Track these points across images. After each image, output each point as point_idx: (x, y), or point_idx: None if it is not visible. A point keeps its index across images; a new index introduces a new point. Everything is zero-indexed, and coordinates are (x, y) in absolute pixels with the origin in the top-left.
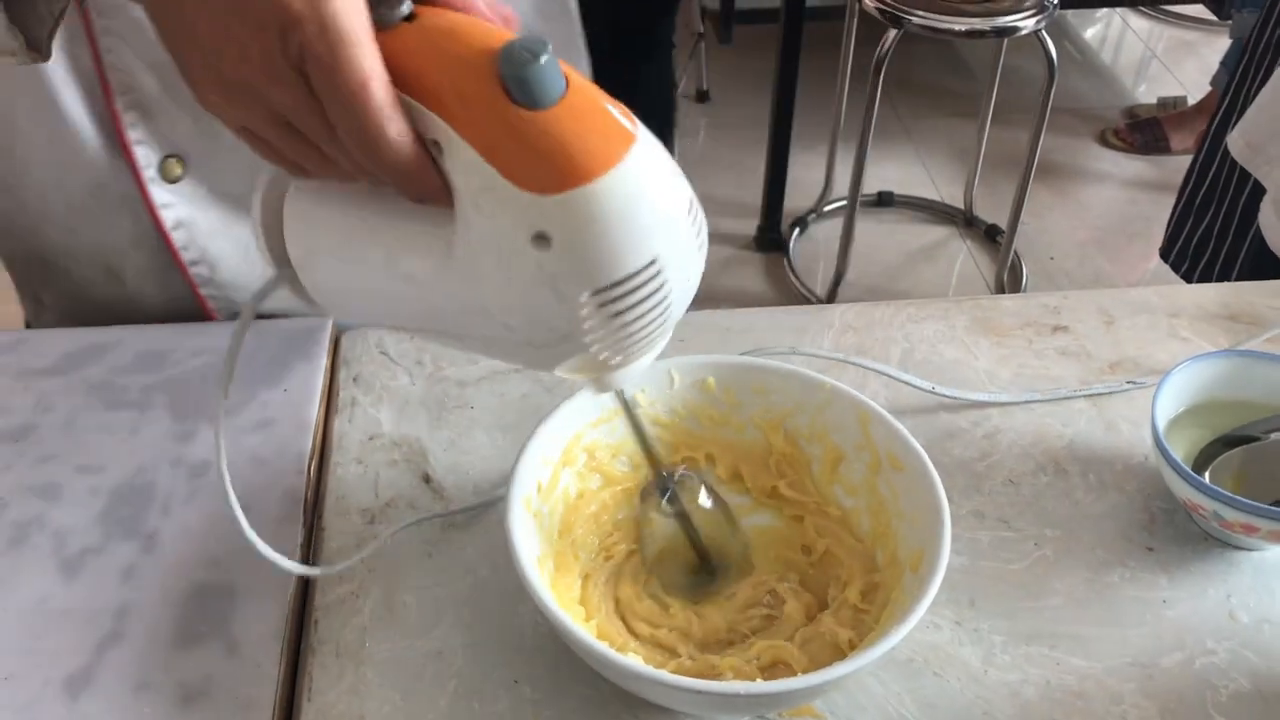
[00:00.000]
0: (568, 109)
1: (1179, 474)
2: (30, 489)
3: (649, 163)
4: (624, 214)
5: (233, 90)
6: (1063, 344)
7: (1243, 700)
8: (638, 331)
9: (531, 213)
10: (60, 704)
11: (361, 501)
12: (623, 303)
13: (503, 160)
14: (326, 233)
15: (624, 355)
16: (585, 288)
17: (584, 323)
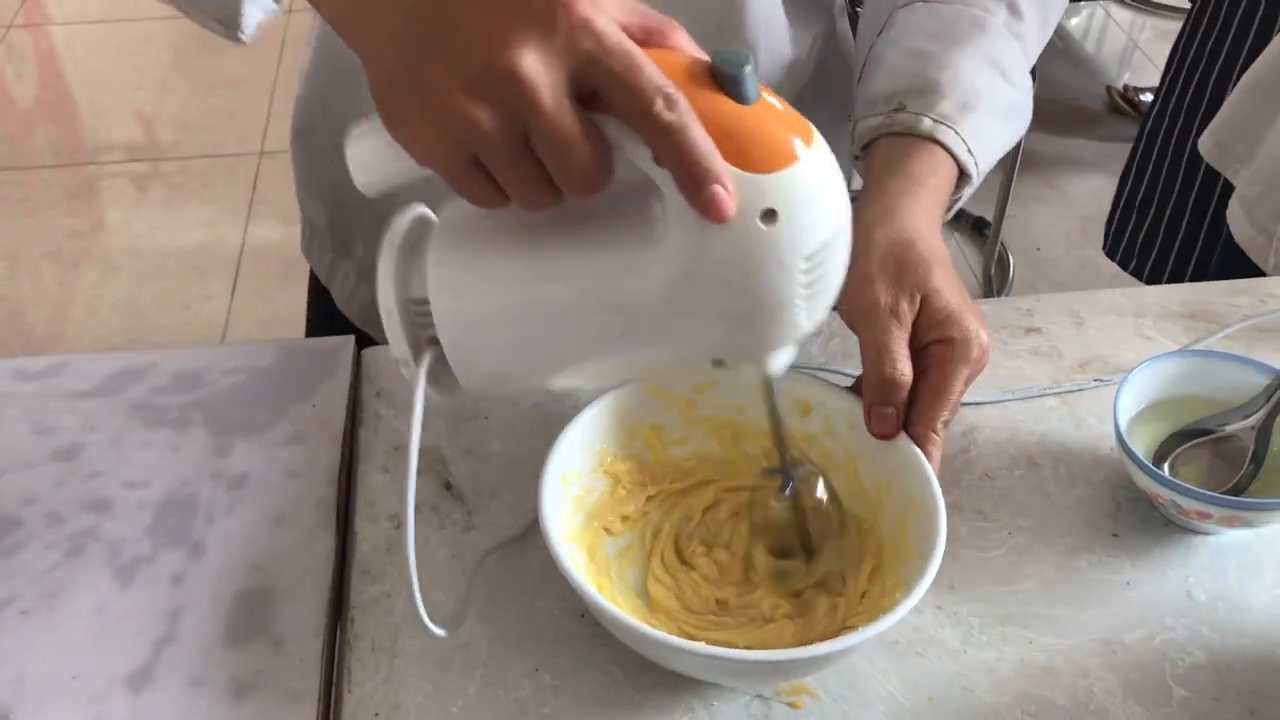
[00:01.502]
0: (766, 105)
1: (1140, 466)
2: (83, 504)
3: (823, 143)
4: (825, 186)
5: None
6: (1035, 344)
7: (1199, 671)
8: (829, 290)
9: (761, 191)
10: (124, 699)
11: (389, 508)
12: (825, 265)
13: (729, 149)
14: (492, 284)
15: (816, 315)
16: (803, 253)
17: (797, 287)
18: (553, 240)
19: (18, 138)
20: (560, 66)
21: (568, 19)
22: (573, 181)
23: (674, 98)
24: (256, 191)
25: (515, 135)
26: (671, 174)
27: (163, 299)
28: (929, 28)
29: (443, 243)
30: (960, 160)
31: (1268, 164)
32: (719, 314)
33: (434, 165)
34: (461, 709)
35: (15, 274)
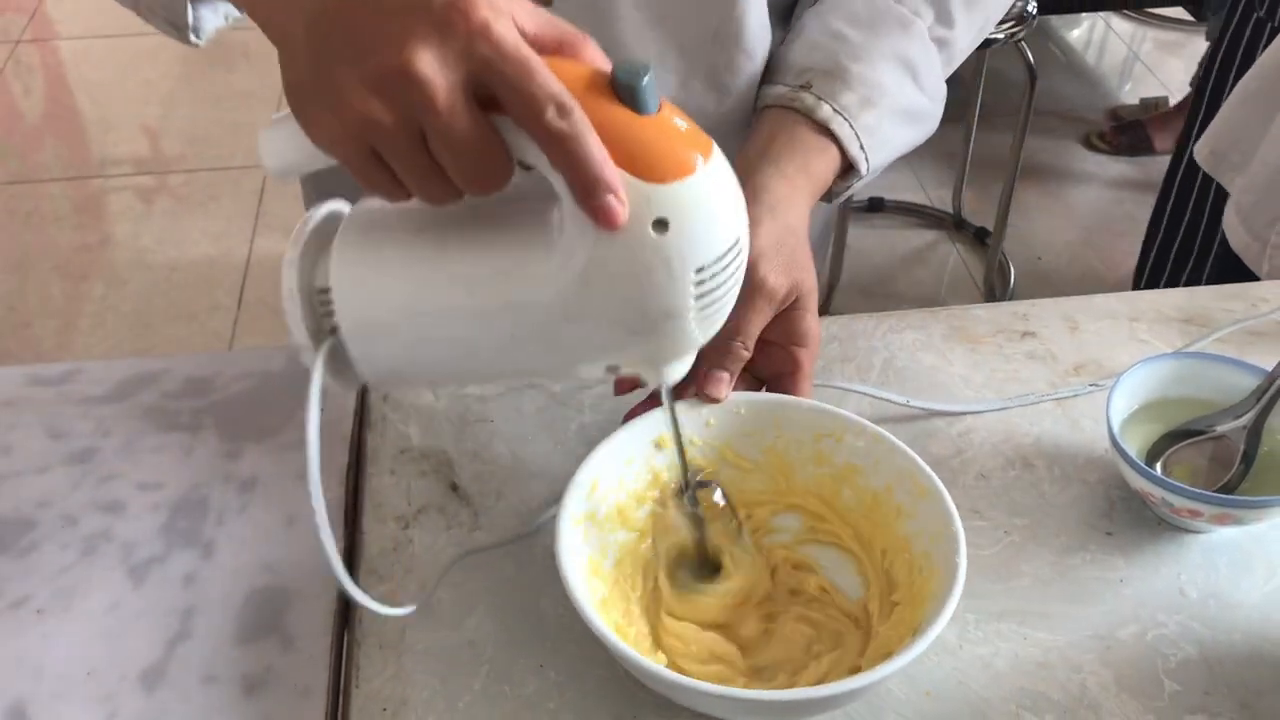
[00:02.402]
0: (667, 116)
1: (1132, 466)
2: (97, 505)
3: (722, 158)
4: (720, 199)
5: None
6: (1031, 348)
7: (1190, 666)
8: (723, 304)
9: (654, 200)
10: (138, 696)
11: (396, 509)
12: (717, 279)
13: (624, 158)
14: (392, 278)
15: (709, 329)
16: (694, 265)
17: (689, 299)
18: (454, 239)
19: (26, 152)
20: (457, 68)
21: (466, 23)
22: (467, 179)
23: (567, 105)
24: (263, 204)
25: (411, 132)
26: (564, 180)
27: (170, 311)
28: (857, 12)
29: (349, 235)
30: (850, 155)
31: (1263, 172)
32: (610, 320)
33: (336, 155)
34: (467, 705)
35: (23, 286)
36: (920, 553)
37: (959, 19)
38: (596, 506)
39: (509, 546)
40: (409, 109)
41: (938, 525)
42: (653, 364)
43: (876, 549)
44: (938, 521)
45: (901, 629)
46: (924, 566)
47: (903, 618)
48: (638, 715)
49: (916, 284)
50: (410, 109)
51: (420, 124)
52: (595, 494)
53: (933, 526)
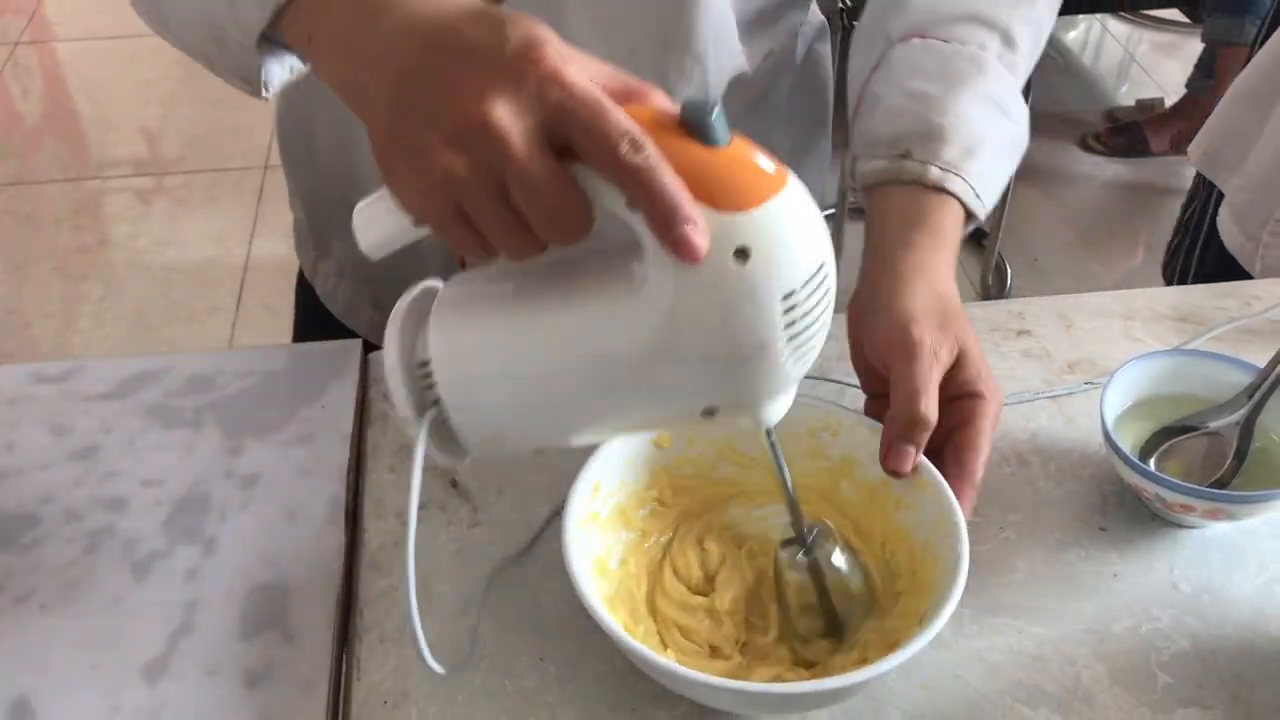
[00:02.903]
0: (738, 147)
1: (1126, 462)
2: (100, 502)
3: (801, 187)
4: (800, 223)
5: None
6: (1026, 346)
7: (1182, 659)
8: (815, 334)
9: (733, 230)
10: (141, 688)
11: (396, 505)
12: (805, 305)
13: (699, 190)
14: (488, 345)
15: (802, 361)
16: (779, 292)
17: (778, 329)
18: (543, 298)
19: (25, 153)
20: (531, 116)
21: (537, 70)
22: (549, 227)
23: (640, 141)
24: (261, 205)
25: (492, 184)
26: (643, 216)
27: (169, 312)
28: (928, 68)
29: (444, 307)
30: (969, 206)
31: (1257, 172)
32: (701, 358)
33: (423, 217)
34: (468, 698)
35: (22, 287)
36: (921, 542)
37: (1020, 38)
38: (600, 507)
39: (509, 542)
40: (487, 160)
41: (937, 514)
42: (749, 403)
43: (876, 541)
44: (937, 510)
45: (907, 618)
46: (925, 556)
47: (907, 608)
48: (637, 708)
49: None
50: (488, 160)
51: (500, 175)
52: (598, 494)
53: (932, 516)
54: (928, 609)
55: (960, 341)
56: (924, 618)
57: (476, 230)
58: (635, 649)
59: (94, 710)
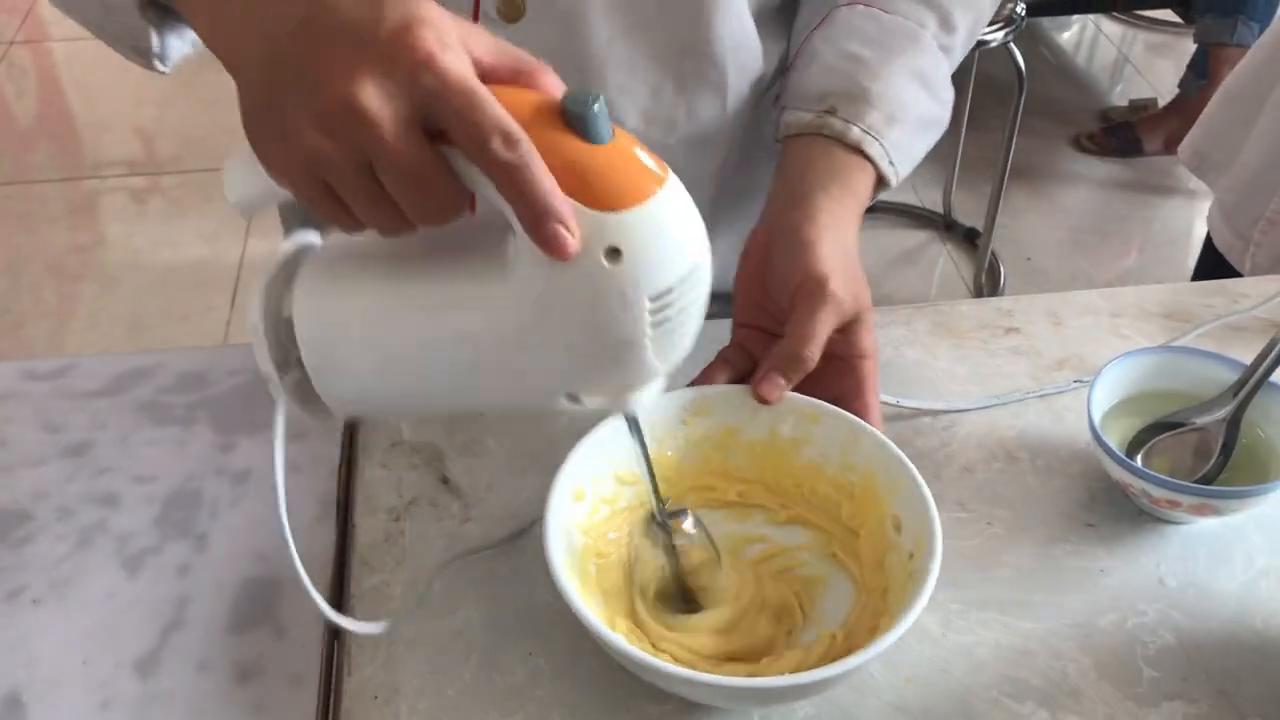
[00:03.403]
0: (620, 144)
1: (1113, 458)
2: (92, 498)
3: (679, 185)
4: (675, 226)
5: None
6: (1014, 344)
7: (1168, 653)
8: (682, 332)
9: (605, 229)
10: (132, 683)
11: (387, 501)
12: (674, 306)
13: (574, 186)
14: (353, 311)
15: (670, 358)
16: (649, 292)
17: (645, 327)
18: (413, 271)
19: (19, 153)
20: (403, 100)
21: (411, 55)
22: (417, 210)
23: (514, 136)
24: None
25: (360, 165)
26: (513, 211)
27: (163, 312)
28: (868, 33)
29: (313, 268)
30: (882, 171)
31: (1245, 172)
32: (566, 350)
33: (290, 187)
34: (458, 692)
35: (17, 288)
36: (837, 466)
37: (959, 24)
38: (582, 504)
39: (500, 537)
40: (355, 143)
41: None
42: (612, 392)
43: (793, 492)
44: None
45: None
46: (851, 475)
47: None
48: (625, 702)
49: (906, 284)
50: (356, 142)
51: (368, 157)
52: (580, 489)
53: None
54: (911, 569)
55: (859, 300)
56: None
57: (344, 205)
58: (617, 644)
59: (85, 705)
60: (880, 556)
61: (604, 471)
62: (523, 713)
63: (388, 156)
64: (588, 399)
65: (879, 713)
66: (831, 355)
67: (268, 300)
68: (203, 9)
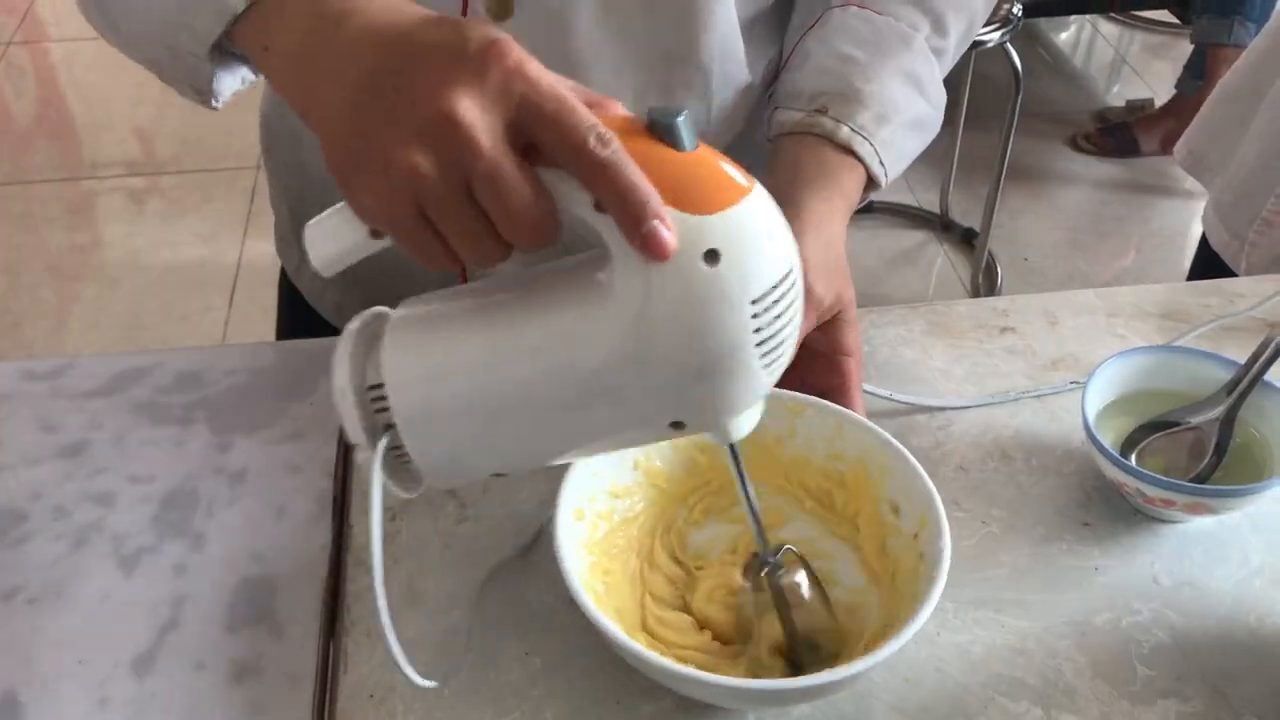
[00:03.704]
0: (705, 154)
1: (1107, 457)
2: (88, 497)
3: (767, 194)
4: (770, 226)
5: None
6: (1010, 343)
7: (1163, 652)
8: (785, 340)
9: (702, 232)
10: (129, 682)
11: (385, 501)
12: (775, 310)
13: (668, 192)
14: (447, 364)
15: (773, 369)
16: (749, 295)
17: (747, 332)
18: (505, 314)
19: (17, 154)
20: (496, 111)
21: (501, 65)
22: (515, 227)
23: (606, 136)
24: (254, 205)
25: (457, 181)
26: (610, 213)
27: (161, 312)
28: (861, 34)
29: (399, 328)
30: (872, 171)
31: (1241, 172)
32: (671, 366)
33: (383, 222)
34: (454, 691)
35: (15, 288)
36: (824, 455)
37: (951, 27)
38: (582, 524)
39: (494, 538)
40: (453, 155)
41: (828, 424)
42: (719, 415)
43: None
44: (823, 422)
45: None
46: (839, 464)
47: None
48: (621, 699)
49: (904, 284)
50: (454, 155)
51: (466, 172)
52: (580, 509)
53: (824, 429)
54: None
55: (842, 298)
56: (912, 601)
57: (439, 235)
58: (627, 644)
59: (82, 704)
60: (881, 541)
61: (597, 489)
62: (518, 711)
63: (485, 168)
64: (691, 426)
65: (875, 711)
66: (816, 352)
67: (353, 364)
68: (279, 57)
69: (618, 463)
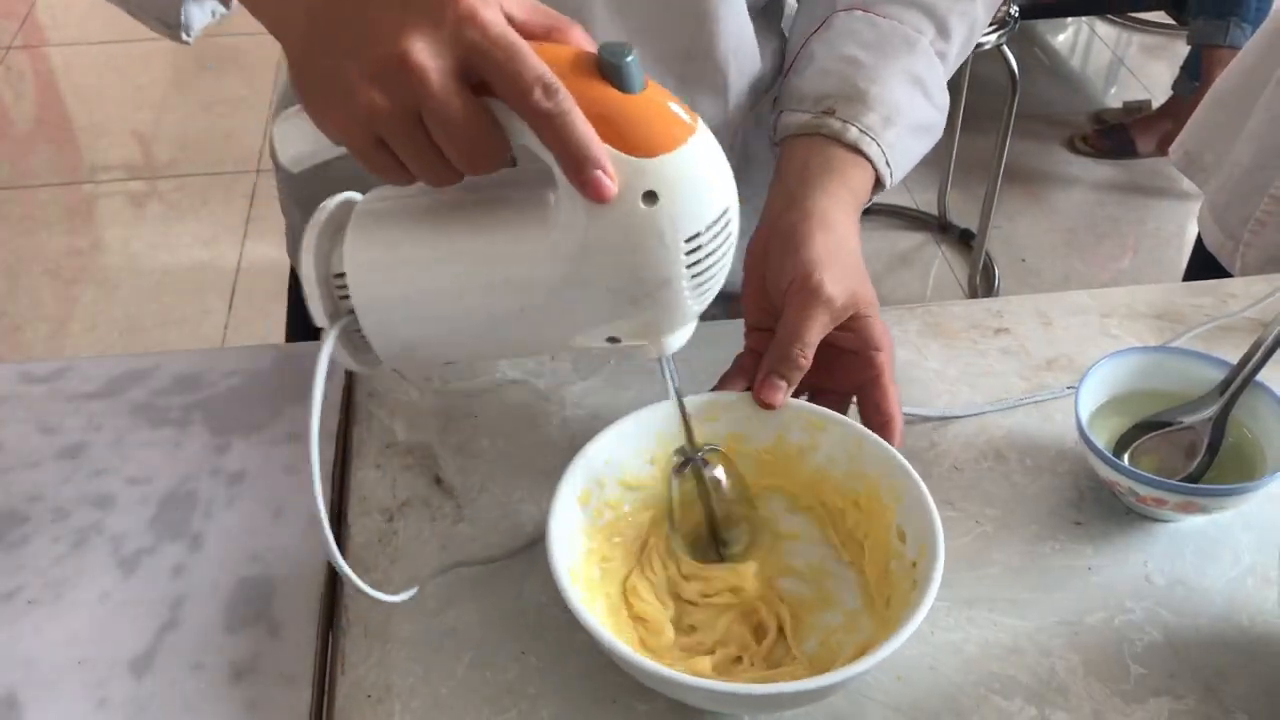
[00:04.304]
0: (652, 94)
1: (1100, 457)
2: (87, 499)
3: (710, 135)
4: (708, 169)
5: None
6: (1004, 344)
7: (1155, 650)
8: (715, 273)
9: (643, 174)
10: (127, 682)
11: (381, 502)
12: (708, 247)
13: (612, 134)
14: (400, 260)
15: (703, 298)
16: (684, 234)
17: (680, 267)
18: (458, 221)
19: (16, 157)
20: (448, 54)
21: (455, 11)
22: (463, 159)
23: (553, 86)
24: (253, 209)
25: (410, 117)
26: (554, 157)
27: (161, 315)
28: (865, 37)
29: (361, 222)
30: (879, 171)
31: (1235, 172)
32: (607, 290)
33: (344, 143)
34: (450, 690)
35: (15, 291)
36: (842, 474)
37: (955, 31)
38: (586, 509)
39: (491, 539)
40: (406, 96)
41: (849, 441)
42: (652, 334)
43: (799, 493)
44: (844, 438)
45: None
46: (856, 484)
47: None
48: (617, 699)
49: (902, 285)
50: (407, 95)
51: (418, 109)
52: (587, 493)
53: (845, 446)
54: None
55: (858, 296)
56: (909, 601)
57: (395, 158)
58: (616, 648)
59: (81, 704)
60: (885, 566)
61: (609, 476)
62: (514, 710)
63: (436, 107)
64: (626, 340)
65: (869, 710)
66: (845, 351)
67: (318, 252)
68: None
69: (634, 454)
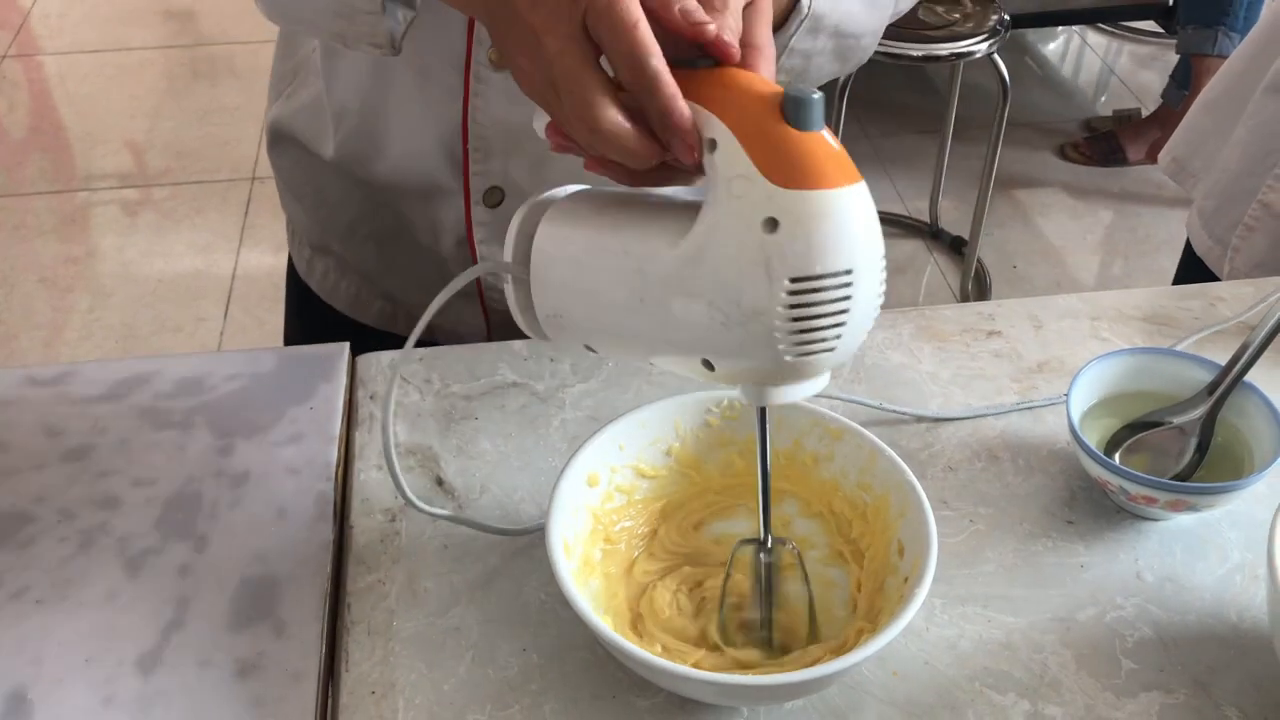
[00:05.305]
0: (821, 139)
1: (1091, 456)
2: (93, 501)
3: (866, 199)
4: (839, 224)
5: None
6: (996, 347)
7: (1146, 646)
8: (816, 332)
9: (771, 199)
10: (135, 680)
11: (383, 503)
12: (814, 297)
13: (762, 157)
14: (570, 241)
15: (796, 354)
16: (792, 271)
17: (778, 305)
18: (624, 211)
19: (11, 166)
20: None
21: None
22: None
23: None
24: (249, 216)
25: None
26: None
27: (156, 323)
28: None
29: (560, 205)
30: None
31: (1223, 178)
32: (707, 304)
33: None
34: (453, 687)
35: (9, 299)
36: (854, 485)
37: None
38: (595, 490)
39: (492, 536)
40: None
41: (862, 453)
42: (745, 375)
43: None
44: (858, 450)
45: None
46: (866, 496)
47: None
48: (617, 695)
49: (894, 292)
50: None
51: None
52: (595, 474)
53: (857, 458)
54: (906, 584)
55: None
56: (902, 598)
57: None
58: (614, 640)
59: (89, 701)
60: (881, 581)
61: (623, 462)
62: (517, 706)
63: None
64: (720, 370)
65: (865, 705)
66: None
67: (523, 225)
68: None
69: (650, 444)
